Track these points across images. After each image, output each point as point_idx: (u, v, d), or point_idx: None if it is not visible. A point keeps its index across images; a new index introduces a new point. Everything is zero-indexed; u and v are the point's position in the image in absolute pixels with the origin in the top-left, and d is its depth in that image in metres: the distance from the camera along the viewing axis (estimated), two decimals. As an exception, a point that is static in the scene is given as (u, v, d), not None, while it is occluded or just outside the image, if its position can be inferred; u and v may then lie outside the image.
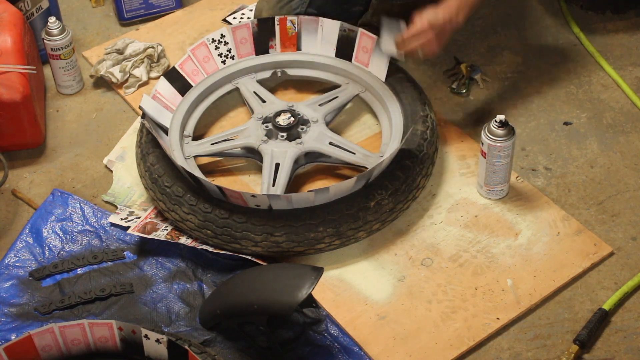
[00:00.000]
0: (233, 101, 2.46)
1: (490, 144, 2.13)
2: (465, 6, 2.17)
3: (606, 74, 2.54)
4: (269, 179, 2.18)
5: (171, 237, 2.15)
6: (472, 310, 2.03)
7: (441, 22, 2.15)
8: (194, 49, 2.39)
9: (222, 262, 2.13)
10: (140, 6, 2.73)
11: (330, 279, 2.09)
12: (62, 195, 2.27)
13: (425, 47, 2.18)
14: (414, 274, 2.10)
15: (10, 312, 2.05)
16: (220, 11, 2.76)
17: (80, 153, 2.41)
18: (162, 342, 1.80)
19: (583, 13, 2.71)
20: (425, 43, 2.17)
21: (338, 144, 2.25)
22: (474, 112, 2.46)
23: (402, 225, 2.19)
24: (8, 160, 2.33)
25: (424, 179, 2.21)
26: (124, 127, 2.45)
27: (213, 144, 2.28)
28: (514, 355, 1.97)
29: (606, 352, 1.97)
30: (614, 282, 2.08)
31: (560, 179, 2.29)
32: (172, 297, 2.08)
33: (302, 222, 2.07)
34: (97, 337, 1.84)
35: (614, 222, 2.19)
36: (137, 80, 2.54)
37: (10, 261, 2.15)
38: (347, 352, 1.97)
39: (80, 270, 2.13)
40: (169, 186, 2.14)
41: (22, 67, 2.30)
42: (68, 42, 2.47)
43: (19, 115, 2.31)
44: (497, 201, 2.23)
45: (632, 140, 2.38)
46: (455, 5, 2.16)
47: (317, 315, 2.03)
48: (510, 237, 2.16)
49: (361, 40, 2.37)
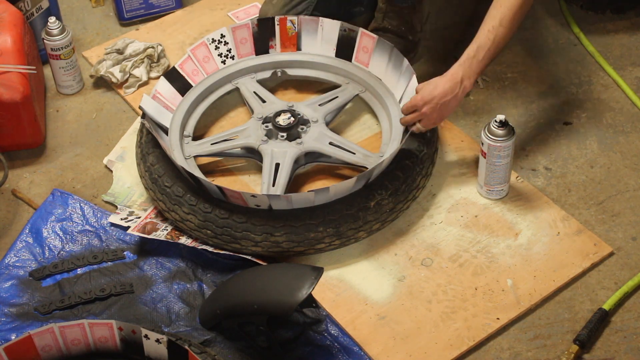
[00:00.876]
0: (233, 101, 2.46)
1: (490, 144, 2.13)
2: (472, 74, 2.10)
3: (606, 74, 2.54)
4: (269, 179, 2.18)
5: (171, 237, 2.15)
6: (472, 310, 2.03)
7: (438, 99, 2.09)
8: (194, 49, 2.39)
9: (222, 262, 2.13)
10: (140, 6, 2.73)
11: (330, 279, 2.09)
12: (62, 195, 2.27)
13: (423, 123, 2.15)
14: (414, 274, 2.10)
15: (10, 312, 2.05)
16: (221, 11, 2.76)
17: (80, 153, 2.41)
18: (162, 342, 1.80)
19: (583, 13, 2.71)
20: (420, 118, 2.13)
21: (338, 144, 2.25)
22: (474, 112, 2.46)
23: (402, 225, 2.19)
24: (8, 160, 2.33)
25: (424, 179, 2.21)
26: (124, 127, 2.45)
27: (213, 144, 2.28)
28: (514, 355, 1.97)
29: (606, 352, 1.97)
30: (614, 282, 2.08)
31: (560, 179, 2.29)
32: (172, 297, 2.08)
33: (302, 222, 2.07)
34: (97, 337, 1.84)
35: (614, 222, 2.19)
36: (137, 80, 2.54)
37: (10, 261, 2.15)
38: (347, 352, 1.97)
39: (80, 270, 2.13)
40: (169, 186, 2.14)
41: (22, 67, 2.30)
42: (68, 42, 2.47)
43: (19, 115, 2.31)
44: (497, 201, 2.23)
45: (632, 140, 2.38)
46: (459, 76, 2.09)
47: (317, 315, 2.03)
48: (510, 237, 2.16)
49: (361, 40, 2.37)
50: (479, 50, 2.10)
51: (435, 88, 2.11)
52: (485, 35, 2.10)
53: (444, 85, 2.10)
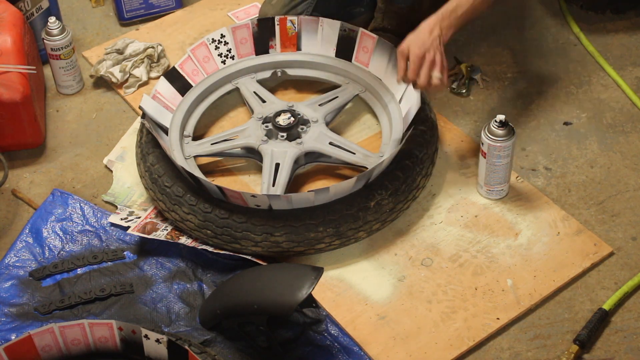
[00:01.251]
0: (233, 101, 2.46)
1: (490, 144, 2.13)
2: (450, 25, 2.13)
3: (606, 74, 2.54)
4: (269, 179, 2.18)
5: (171, 237, 2.15)
6: (472, 310, 2.03)
7: (420, 33, 2.11)
8: (194, 49, 2.39)
9: (222, 262, 2.13)
10: (140, 6, 2.73)
11: (330, 279, 2.09)
12: (62, 195, 2.27)
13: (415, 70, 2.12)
14: (414, 274, 2.10)
15: (10, 312, 2.05)
16: (221, 11, 2.76)
17: (80, 153, 2.41)
18: (162, 342, 1.80)
19: (583, 13, 2.71)
20: (415, 64, 2.12)
21: (338, 144, 2.25)
22: (474, 112, 2.46)
23: (402, 225, 2.19)
24: (8, 160, 2.33)
25: (424, 179, 2.21)
26: (124, 127, 2.45)
27: (213, 144, 2.28)
28: (514, 355, 1.97)
29: (606, 352, 1.97)
30: (614, 282, 2.08)
31: (560, 179, 2.29)
32: (172, 297, 2.08)
33: (302, 222, 2.07)
34: (97, 337, 1.84)
35: (614, 222, 2.19)
36: (137, 80, 2.54)
37: (10, 261, 2.15)
38: (347, 352, 1.97)
39: (80, 270, 2.13)
40: (169, 186, 2.14)
41: (22, 67, 2.30)
42: (68, 42, 2.47)
43: (19, 115, 2.31)
44: (497, 201, 2.23)
45: (632, 140, 2.38)
46: (432, 22, 2.13)
47: (317, 315, 2.03)
48: (510, 237, 2.16)
49: (361, 40, 2.37)
50: (458, 7, 2.14)
51: (414, 34, 2.13)
52: None
53: (421, 28, 2.13)
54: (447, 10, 2.15)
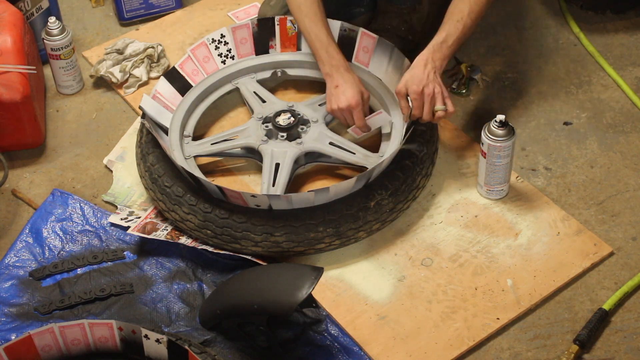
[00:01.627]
0: (233, 101, 2.46)
1: (490, 144, 2.13)
2: (442, 56, 2.14)
3: (606, 74, 2.54)
4: (269, 179, 2.18)
5: (171, 237, 2.15)
6: (472, 310, 2.03)
7: (415, 72, 2.12)
8: (194, 49, 2.39)
9: (222, 262, 2.13)
10: (140, 6, 2.73)
11: (330, 279, 2.09)
12: (62, 195, 2.27)
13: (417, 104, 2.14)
14: (414, 274, 2.10)
15: (10, 312, 2.05)
16: (220, 11, 2.76)
17: (80, 153, 2.41)
18: (162, 342, 1.80)
19: (583, 13, 2.71)
20: (416, 100, 2.13)
21: (338, 144, 2.25)
22: (474, 112, 2.46)
23: (402, 225, 2.19)
24: (8, 160, 2.33)
25: (424, 179, 2.21)
26: (124, 127, 2.45)
27: (213, 144, 2.28)
28: (514, 355, 1.97)
29: (606, 352, 1.97)
30: (614, 282, 2.08)
31: (560, 179, 2.29)
32: (172, 297, 2.08)
33: (302, 222, 2.07)
34: (97, 337, 1.84)
35: (614, 222, 2.19)
36: (137, 80, 2.54)
37: (10, 261, 2.15)
38: (347, 352, 1.97)
39: (80, 270, 2.13)
40: (169, 186, 2.14)
41: (22, 67, 2.30)
42: (68, 42, 2.47)
43: (19, 115, 2.31)
44: (497, 201, 2.23)
45: (632, 140, 2.38)
46: (425, 57, 2.13)
47: (317, 315, 2.03)
48: (510, 237, 2.16)
49: (362, 40, 2.37)
50: (448, 37, 2.15)
51: (409, 72, 2.14)
52: (454, 25, 2.15)
53: (415, 64, 2.14)
54: (437, 43, 2.15)
